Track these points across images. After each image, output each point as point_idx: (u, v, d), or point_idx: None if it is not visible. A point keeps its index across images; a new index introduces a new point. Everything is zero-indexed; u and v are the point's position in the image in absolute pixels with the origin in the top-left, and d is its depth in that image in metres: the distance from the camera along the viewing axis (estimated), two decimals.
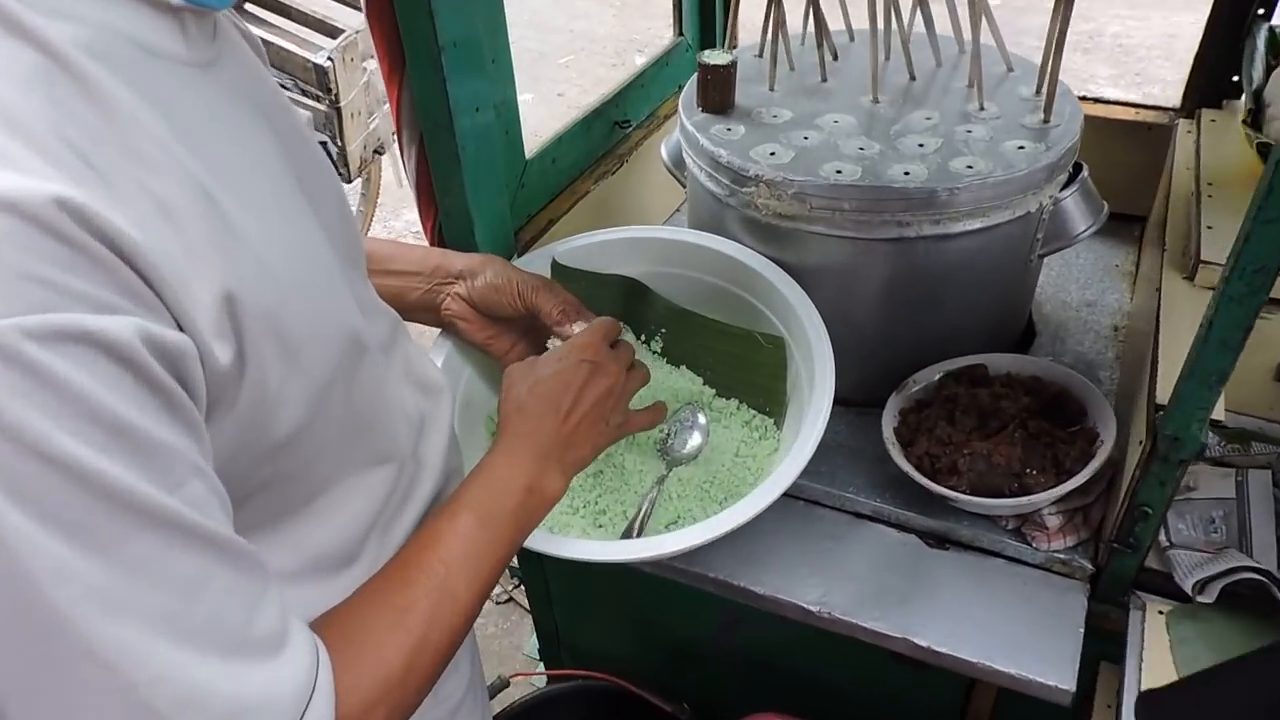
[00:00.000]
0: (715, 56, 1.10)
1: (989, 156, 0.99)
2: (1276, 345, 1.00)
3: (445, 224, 1.07)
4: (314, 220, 0.59)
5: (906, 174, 0.97)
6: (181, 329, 0.43)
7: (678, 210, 1.51)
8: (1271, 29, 1.21)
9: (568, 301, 0.97)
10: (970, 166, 0.97)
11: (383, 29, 0.94)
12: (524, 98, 1.14)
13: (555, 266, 1.09)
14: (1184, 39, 4.54)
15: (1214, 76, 1.28)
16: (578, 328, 0.95)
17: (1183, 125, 1.31)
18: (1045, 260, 1.12)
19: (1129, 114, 1.37)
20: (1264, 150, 0.99)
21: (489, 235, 1.08)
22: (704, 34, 1.54)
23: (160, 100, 0.46)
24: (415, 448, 0.73)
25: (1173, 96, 4.02)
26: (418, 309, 0.98)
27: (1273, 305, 0.97)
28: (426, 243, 1.12)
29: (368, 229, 3.36)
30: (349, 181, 2.66)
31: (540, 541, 0.86)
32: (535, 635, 1.78)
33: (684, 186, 1.24)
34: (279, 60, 2.25)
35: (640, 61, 1.43)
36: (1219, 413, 0.78)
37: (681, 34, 1.51)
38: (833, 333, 0.97)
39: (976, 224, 0.98)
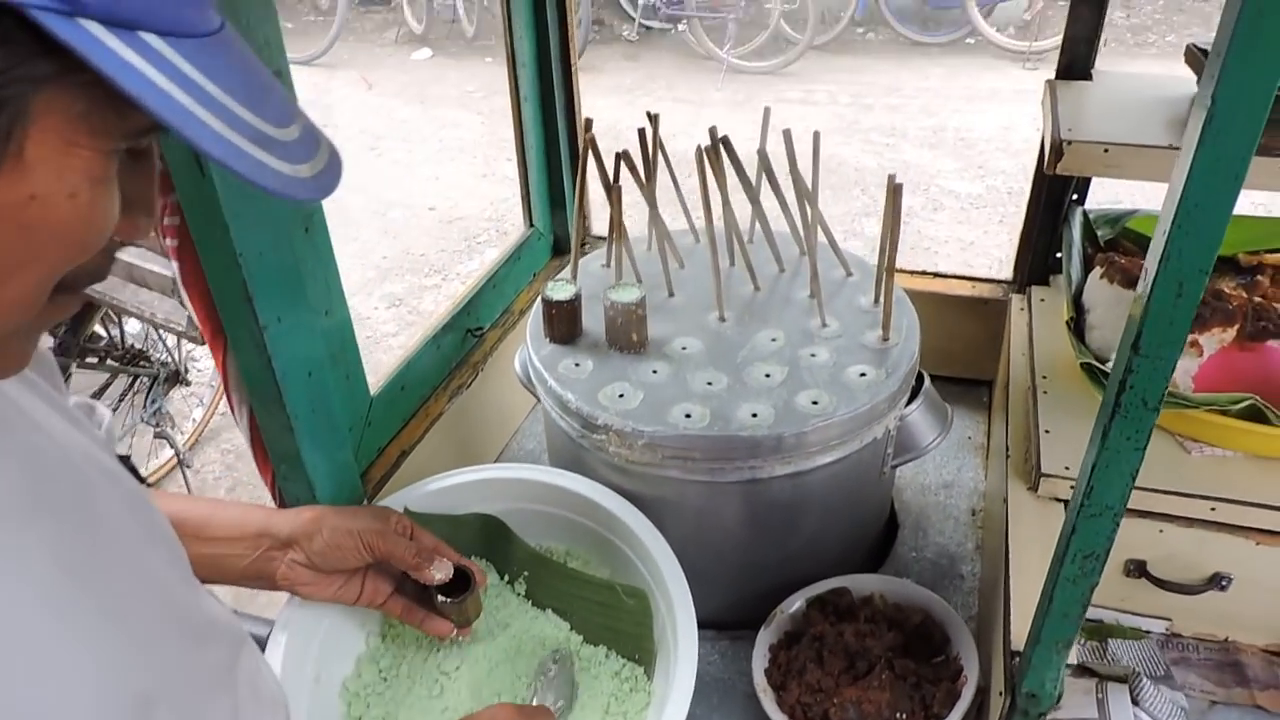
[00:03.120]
0: (558, 290, 1.09)
1: (833, 388, 1.00)
2: (1119, 546, 1.03)
3: (284, 485, 1.01)
4: None
5: (754, 416, 0.96)
6: None
7: (534, 408, 1.48)
8: (1085, 213, 1.28)
9: (421, 543, 0.94)
10: (815, 402, 0.98)
11: (200, 295, 0.90)
12: (394, 213, 1.09)
13: (408, 516, 1.05)
14: (1018, 129, 4.85)
15: (1040, 253, 1.35)
16: (438, 572, 0.93)
17: (1015, 301, 1.36)
18: None
19: (966, 288, 1.42)
20: (1090, 372, 1.03)
21: (332, 490, 1.02)
22: (555, 222, 1.54)
23: None
24: None
25: (1015, 187, 4.24)
26: (245, 577, 0.91)
27: None
28: (268, 494, 1.06)
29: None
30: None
31: None
32: None
33: (539, 400, 1.22)
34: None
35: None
36: None
37: (533, 224, 1.50)
38: (696, 560, 0.96)
39: (827, 458, 0.98)
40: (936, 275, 1.44)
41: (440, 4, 6.71)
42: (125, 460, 2.45)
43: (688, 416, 0.97)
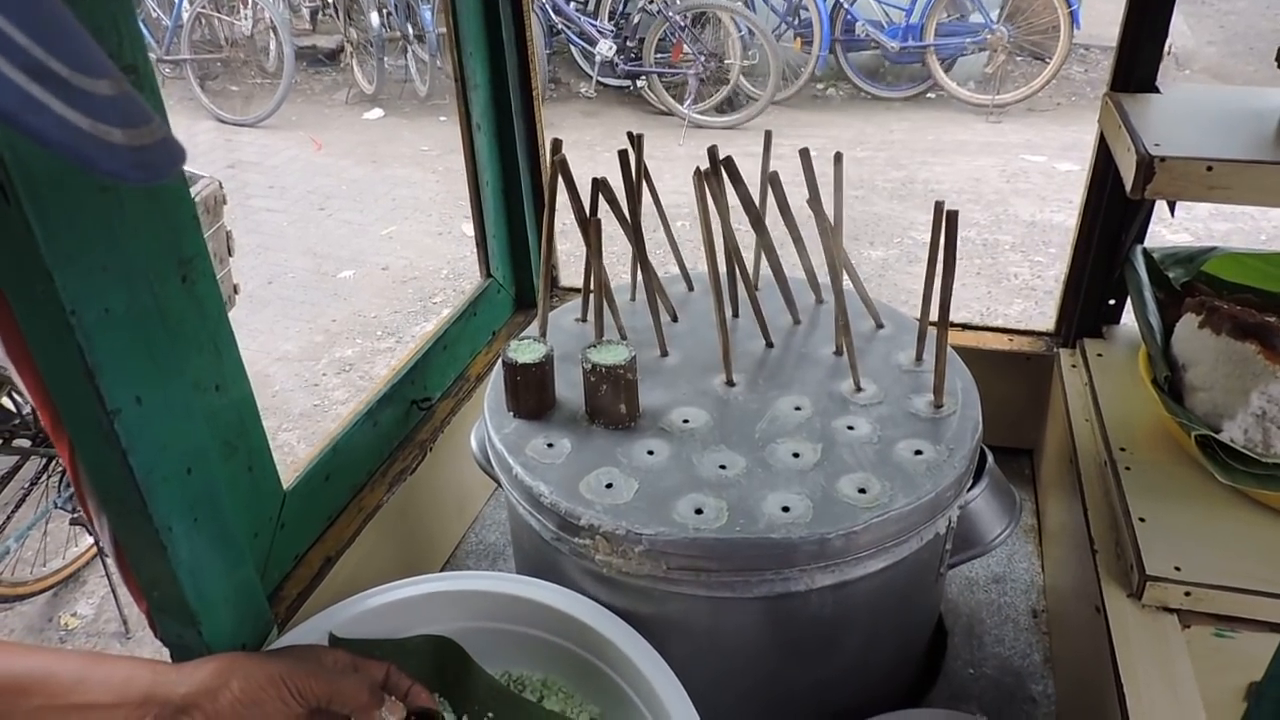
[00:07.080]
0: (524, 351, 0.86)
1: (883, 470, 0.77)
2: (1244, 666, 0.81)
3: (160, 619, 0.75)
4: None
5: (786, 510, 0.73)
6: None
7: (497, 490, 1.24)
8: (1147, 252, 1.09)
9: (370, 676, 0.73)
10: (863, 490, 0.75)
11: (30, 371, 0.65)
12: (344, 274, 0.86)
13: (334, 643, 0.80)
14: (988, 181, 4.76)
15: (1091, 301, 1.15)
16: (390, 715, 0.74)
17: (1064, 357, 1.16)
18: None
19: (1003, 342, 1.21)
20: (1207, 446, 0.82)
21: (229, 621, 0.77)
22: (517, 271, 1.32)
23: None
24: None
25: (989, 239, 4.13)
26: None
27: (1236, 624, 0.78)
28: None
29: None
30: None
31: None
32: None
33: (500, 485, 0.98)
34: None
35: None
36: None
37: (490, 274, 1.27)
38: (708, 693, 0.73)
39: (880, 563, 0.75)
40: (967, 327, 1.23)
41: (392, 64, 6.54)
42: None
43: (699, 513, 0.74)
